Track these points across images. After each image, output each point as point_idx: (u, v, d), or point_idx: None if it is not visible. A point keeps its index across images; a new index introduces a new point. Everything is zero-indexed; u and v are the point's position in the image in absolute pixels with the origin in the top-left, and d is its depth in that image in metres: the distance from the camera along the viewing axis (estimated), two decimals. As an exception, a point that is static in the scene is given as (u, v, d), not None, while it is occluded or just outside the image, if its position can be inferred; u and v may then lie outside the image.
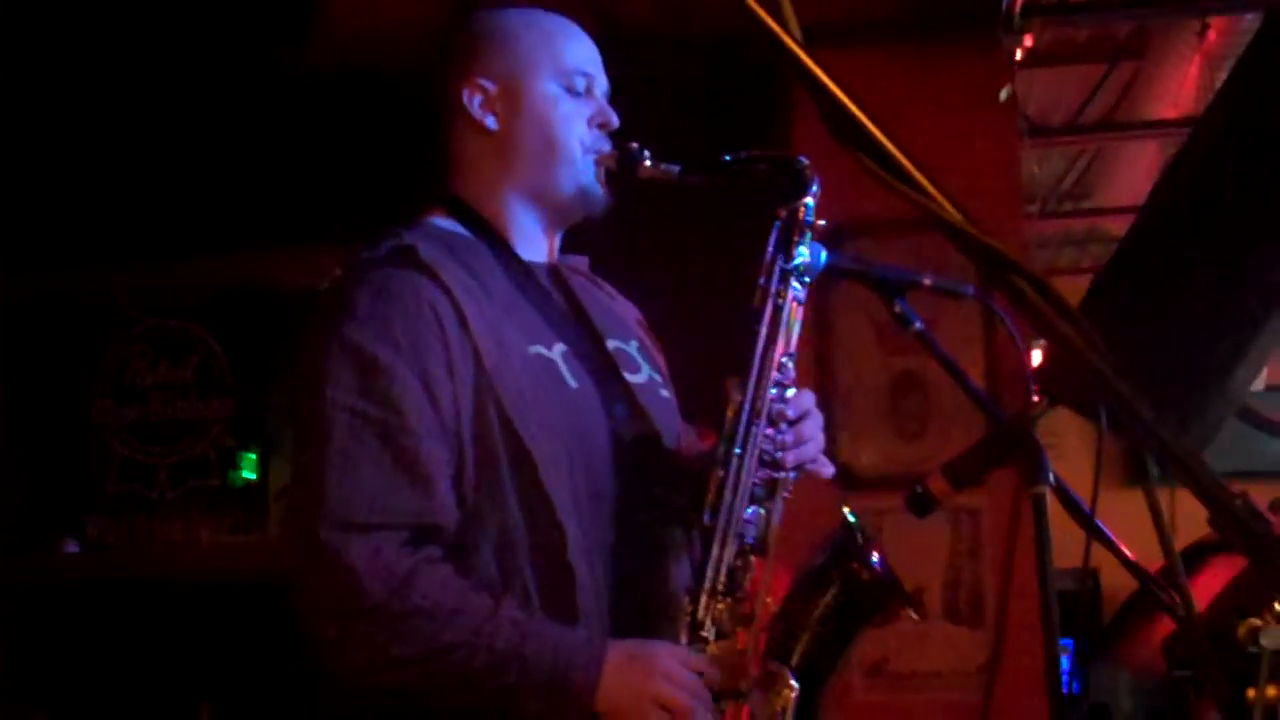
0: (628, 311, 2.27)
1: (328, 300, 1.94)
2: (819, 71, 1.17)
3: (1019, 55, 4.57)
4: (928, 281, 2.15)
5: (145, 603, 5.12)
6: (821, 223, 2.05)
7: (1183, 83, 5.63)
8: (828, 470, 2.08)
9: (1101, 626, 6.77)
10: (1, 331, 5.27)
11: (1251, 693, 1.32)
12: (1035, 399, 2.02)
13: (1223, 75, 4.85)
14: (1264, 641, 1.17)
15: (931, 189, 1.16)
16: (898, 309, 2.14)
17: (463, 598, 1.83)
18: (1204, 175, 3.38)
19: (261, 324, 5.19)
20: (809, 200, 2.04)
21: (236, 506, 5.26)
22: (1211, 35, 5.16)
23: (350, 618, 1.79)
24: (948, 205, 1.16)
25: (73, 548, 5.30)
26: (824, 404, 2.12)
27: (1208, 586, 4.69)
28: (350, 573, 1.78)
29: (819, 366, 4.67)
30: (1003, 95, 4.55)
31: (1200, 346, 3.36)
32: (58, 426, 5.37)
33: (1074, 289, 3.13)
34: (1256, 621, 1.26)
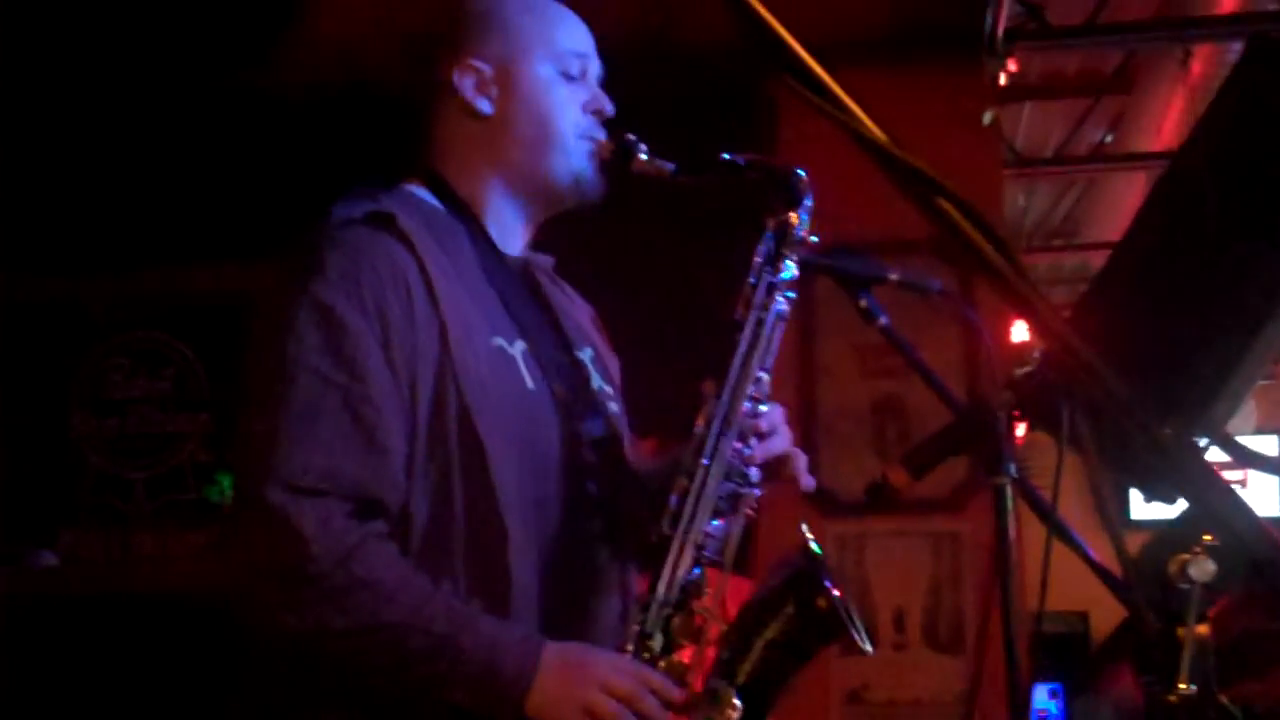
0: (583, 314, 2.22)
1: (297, 255, 1.88)
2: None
3: (1003, 80, 4.58)
4: (894, 276, 2.13)
5: (121, 616, 5.07)
6: (813, 238, 2.01)
7: (1168, 116, 5.65)
8: (806, 481, 2.04)
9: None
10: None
11: (1181, 630, 1.30)
12: (1003, 392, 1.99)
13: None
14: (1192, 574, 1.14)
15: (856, 110, 1.15)
16: (863, 303, 2.12)
17: (405, 578, 1.78)
18: (1186, 200, 3.38)
19: (239, 337, 5.15)
20: (802, 214, 2.00)
21: (213, 521, 5.23)
22: (1195, 67, 5.18)
23: (293, 583, 1.75)
24: (872, 125, 1.15)
25: (50, 560, 5.27)
26: (805, 427, 2.09)
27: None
28: (298, 538, 1.73)
29: (801, 390, 4.66)
30: (986, 119, 4.56)
31: (1197, 348, 3.33)
32: (34, 439, 5.34)
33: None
34: (1185, 556, 1.23)
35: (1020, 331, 6.50)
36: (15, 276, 5.22)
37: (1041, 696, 7.01)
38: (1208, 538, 1.18)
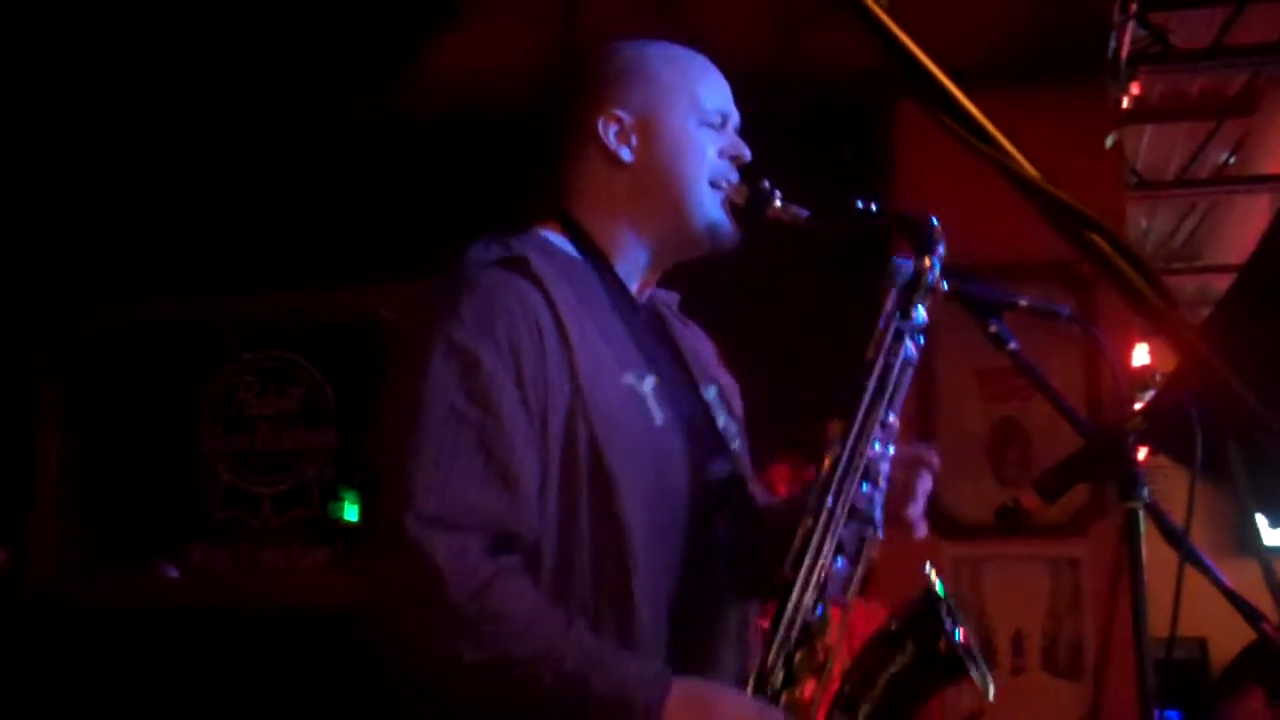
0: (707, 350, 2.25)
1: (433, 296, 1.94)
2: (899, 31, 1.19)
3: (1126, 104, 4.56)
4: (1024, 302, 2.14)
5: (246, 630, 5.18)
6: (944, 286, 2.04)
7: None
8: (920, 531, 2.06)
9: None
10: (113, 355, 5.40)
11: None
12: (1135, 413, 1.99)
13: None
14: None
15: (1010, 148, 1.18)
16: (993, 329, 2.13)
17: (538, 613, 1.82)
18: None
19: (364, 356, 5.28)
20: (935, 260, 2.02)
21: (337, 536, 5.34)
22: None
23: (428, 614, 1.79)
24: (1025, 163, 1.17)
25: (172, 573, 5.39)
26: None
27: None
28: (434, 568, 1.77)
29: (921, 413, 4.67)
30: (1109, 143, 4.54)
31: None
32: (166, 453, 5.48)
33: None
34: None
35: (1141, 356, 6.45)
36: (152, 296, 5.37)
37: (1163, 724, 6.91)
38: None
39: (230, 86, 4.89)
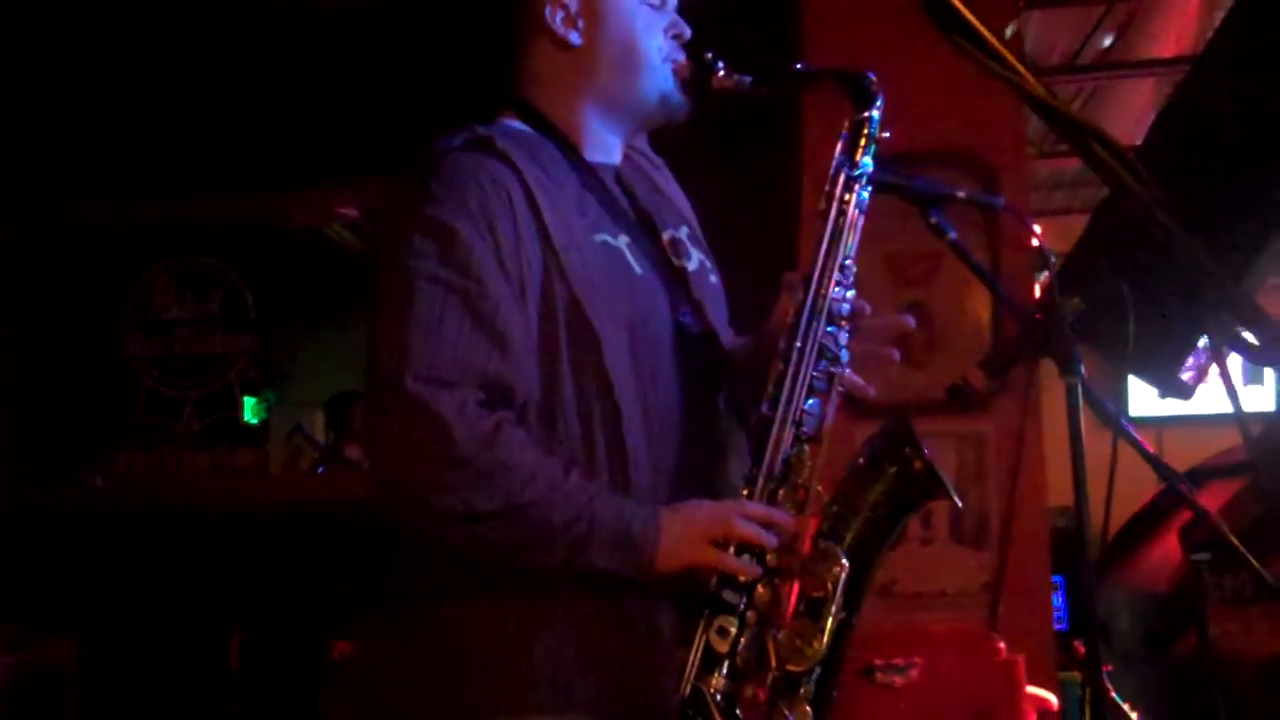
0: (679, 198, 2.37)
1: (405, 186, 2.05)
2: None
3: (1024, -6, 4.67)
4: (962, 194, 2.26)
5: (173, 532, 5.23)
6: (885, 134, 2.17)
7: (1181, 21, 5.74)
8: (868, 389, 2.20)
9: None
10: (26, 264, 5.37)
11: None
12: (1072, 295, 2.13)
13: (1222, 12, 4.96)
14: None
15: (1019, 65, 1.29)
16: (933, 220, 2.25)
17: (539, 459, 1.95)
18: (1204, 110, 3.49)
19: (283, 261, 5.30)
20: (875, 113, 2.15)
21: (255, 441, 5.40)
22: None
23: (439, 466, 1.89)
24: (1033, 79, 1.29)
25: (98, 480, 5.41)
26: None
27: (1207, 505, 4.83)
28: (441, 422, 1.88)
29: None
30: (1008, 33, 4.66)
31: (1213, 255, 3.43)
32: (86, 360, 5.49)
33: (1067, 230, 3.25)
34: None
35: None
36: (66, 201, 5.34)
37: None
38: None
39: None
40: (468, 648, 1.99)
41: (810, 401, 2.06)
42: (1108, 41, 6.54)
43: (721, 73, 2.18)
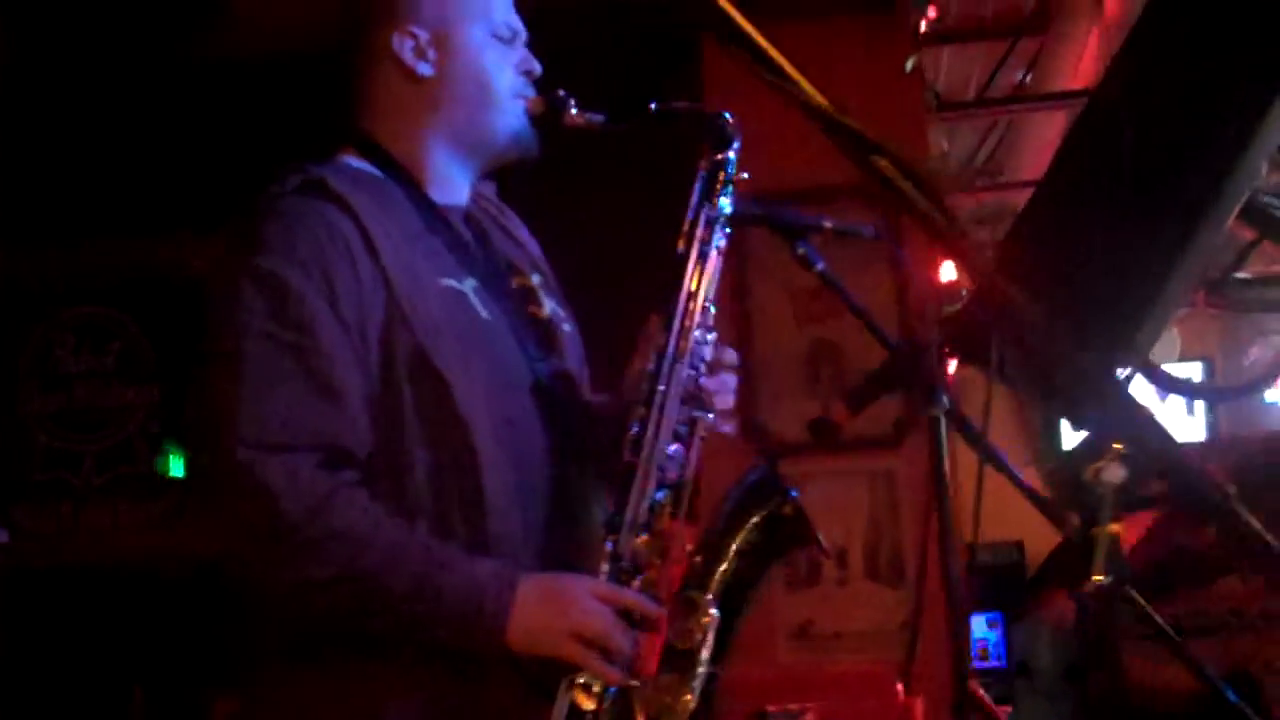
0: (531, 245, 2.30)
1: (235, 233, 1.97)
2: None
3: (924, 27, 4.68)
4: (828, 224, 2.23)
5: (75, 590, 5.12)
6: (744, 175, 2.12)
7: (1084, 55, 5.77)
8: (728, 427, 2.12)
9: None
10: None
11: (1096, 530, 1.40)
12: (933, 329, 2.09)
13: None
14: (1104, 478, 1.24)
15: (798, 77, 1.24)
16: (800, 251, 2.21)
17: (379, 524, 1.86)
18: (1105, 134, 3.48)
19: (183, 310, 5.18)
20: (732, 154, 2.10)
21: (164, 493, 5.27)
22: (1109, 6, 5.29)
23: (267, 540, 1.82)
24: (814, 93, 1.24)
25: (2, 537, 5.29)
26: (743, 371, 2.18)
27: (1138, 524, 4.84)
28: (267, 494, 1.80)
29: (738, 335, 4.75)
30: (908, 66, 4.65)
31: (1119, 278, 3.43)
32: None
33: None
34: (1099, 464, 1.33)
35: (949, 272, 6.64)
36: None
37: (980, 626, 7.19)
38: (1117, 445, 1.26)
39: (36, 36, 4.75)
40: None
41: (673, 447, 2.00)
42: (1026, 78, 6.57)
43: (574, 110, 2.12)
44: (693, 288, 2.05)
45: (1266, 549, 1.32)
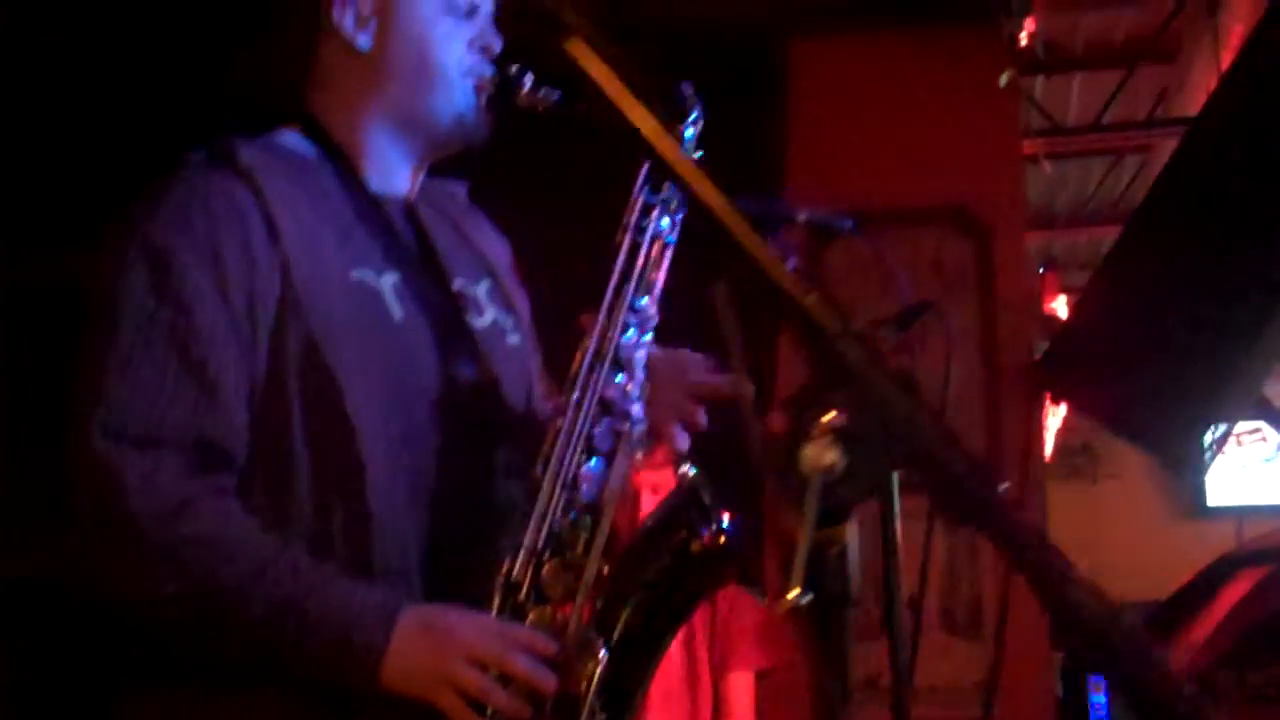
0: (495, 250, 2.09)
1: (139, 198, 1.80)
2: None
3: (1024, 40, 4.42)
4: (803, 217, 2.00)
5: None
6: (699, 154, 1.88)
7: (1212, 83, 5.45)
8: (681, 442, 1.90)
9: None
10: None
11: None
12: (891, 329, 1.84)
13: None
14: (807, 461, 0.94)
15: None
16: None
17: (245, 536, 1.67)
18: (1208, 167, 3.22)
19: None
20: (688, 130, 1.89)
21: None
22: (1234, 35, 4.99)
23: (117, 542, 1.65)
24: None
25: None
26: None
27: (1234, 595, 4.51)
28: (117, 492, 1.63)
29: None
30: (1003, 81, 4.38)
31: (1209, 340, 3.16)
32: None
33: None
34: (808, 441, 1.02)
35: (1062, 309, 6.32)
36: None
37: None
38: (831, 415, 0.95)
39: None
40: None
41: (591, 462, 1.76)
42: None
43: (527, 89, 1.89)
44: (621, 282, 1.82)
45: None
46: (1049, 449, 8.45)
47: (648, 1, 4.41)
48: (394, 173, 1.96)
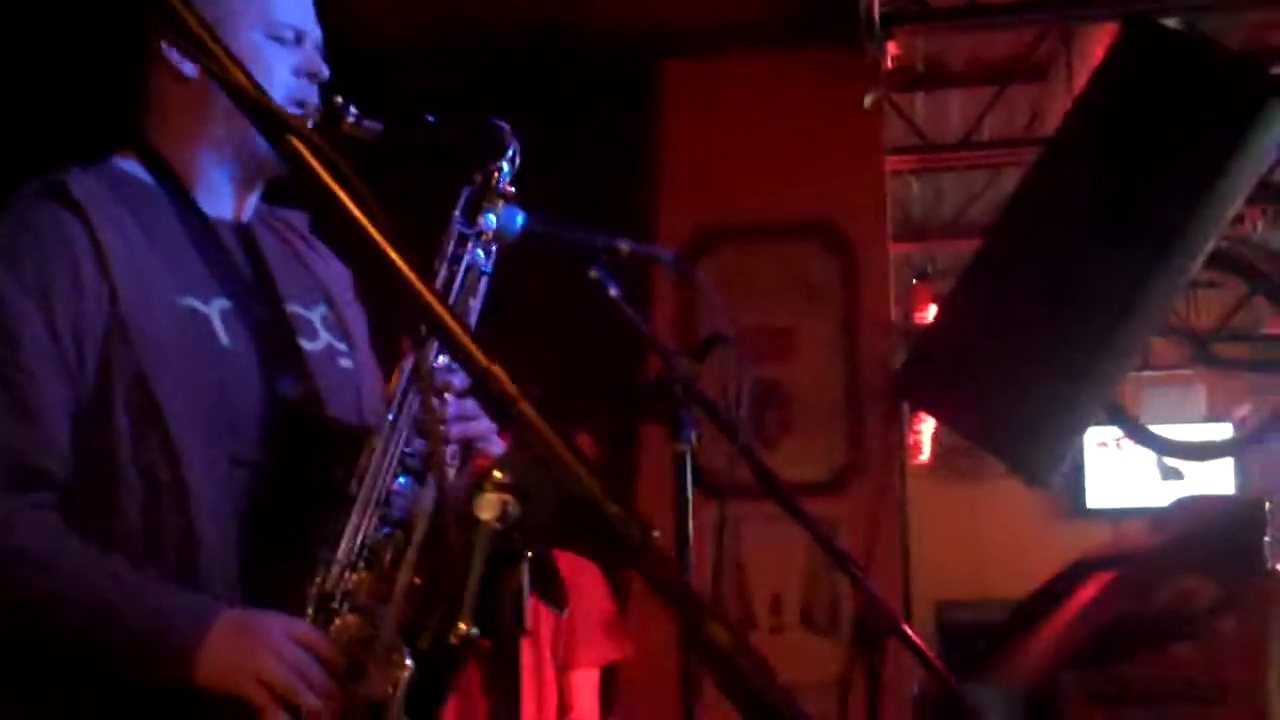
0: (334, 275, 2.17)
1: None
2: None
3: (888, 64, 4.57)
4: (625, 247, 2.13)
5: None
6: (512, 189, 1.99)
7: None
8: (496, 447, 1.99)
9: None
10: None
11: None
12: (686, 360, 1.98)
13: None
14: (481, 511, 1.06)
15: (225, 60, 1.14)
16: (594, 274, 2.11)
17: (63, 549, 1.76)
18: (1060, 183, 3.38)
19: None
20: (504, 165, 1.98)
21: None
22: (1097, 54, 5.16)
23: None
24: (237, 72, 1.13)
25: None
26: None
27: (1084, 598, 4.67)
28: None
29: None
30: (867, 102, 4.54)
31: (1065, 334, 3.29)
32: None
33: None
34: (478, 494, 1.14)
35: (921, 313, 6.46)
36: None
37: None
38: (498, 475, 1.10)
39: None
40: None
41: (402, 480, 1.88)
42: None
43: (351, 119, 1.98)
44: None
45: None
46: (927, 452, 8.64)
47: (529, 19, 4.51)
48: (222, 196, 2.03)
